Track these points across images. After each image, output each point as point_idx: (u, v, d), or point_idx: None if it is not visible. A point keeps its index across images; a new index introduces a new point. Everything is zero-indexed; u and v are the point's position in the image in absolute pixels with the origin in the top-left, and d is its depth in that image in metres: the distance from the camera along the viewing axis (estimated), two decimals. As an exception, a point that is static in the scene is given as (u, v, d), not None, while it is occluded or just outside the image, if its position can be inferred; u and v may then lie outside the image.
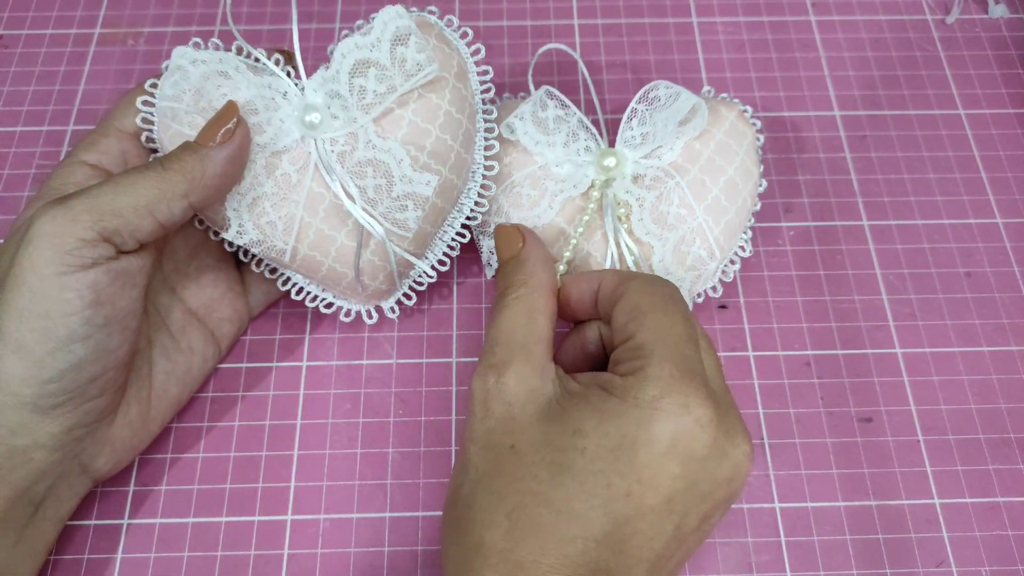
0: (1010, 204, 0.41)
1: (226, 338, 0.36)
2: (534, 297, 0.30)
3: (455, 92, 0.33)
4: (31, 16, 0.47)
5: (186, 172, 0.29)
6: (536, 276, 0.30)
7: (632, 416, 0.25)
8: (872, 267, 0.40)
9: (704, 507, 0.26)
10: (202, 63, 0.31)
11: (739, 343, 0.38)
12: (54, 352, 0.28)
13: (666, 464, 0.25)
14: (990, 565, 0.33)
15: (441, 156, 0.33)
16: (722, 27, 0.47)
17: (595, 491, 0.25)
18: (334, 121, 0.31)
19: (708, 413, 0.25)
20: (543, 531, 0.25)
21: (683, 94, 0.34)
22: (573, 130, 0.35)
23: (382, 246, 0.33)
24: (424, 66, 0.31)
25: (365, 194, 0.32)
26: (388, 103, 0.31)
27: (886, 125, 0.44)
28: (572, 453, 0.26)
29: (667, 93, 0.35)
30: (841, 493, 0.34)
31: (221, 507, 0.34)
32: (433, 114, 0.32)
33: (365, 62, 0.31)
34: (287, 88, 0.32)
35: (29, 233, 0.27)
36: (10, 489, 0.28)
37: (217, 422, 0.36)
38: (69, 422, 0.29)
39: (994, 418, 0.36)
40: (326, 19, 0.47)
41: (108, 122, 0.33)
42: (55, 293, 0.27)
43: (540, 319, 0.29)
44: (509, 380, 0.28)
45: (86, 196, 0.28)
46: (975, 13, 0.48)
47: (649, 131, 0.34)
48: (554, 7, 0.48)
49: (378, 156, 0.32)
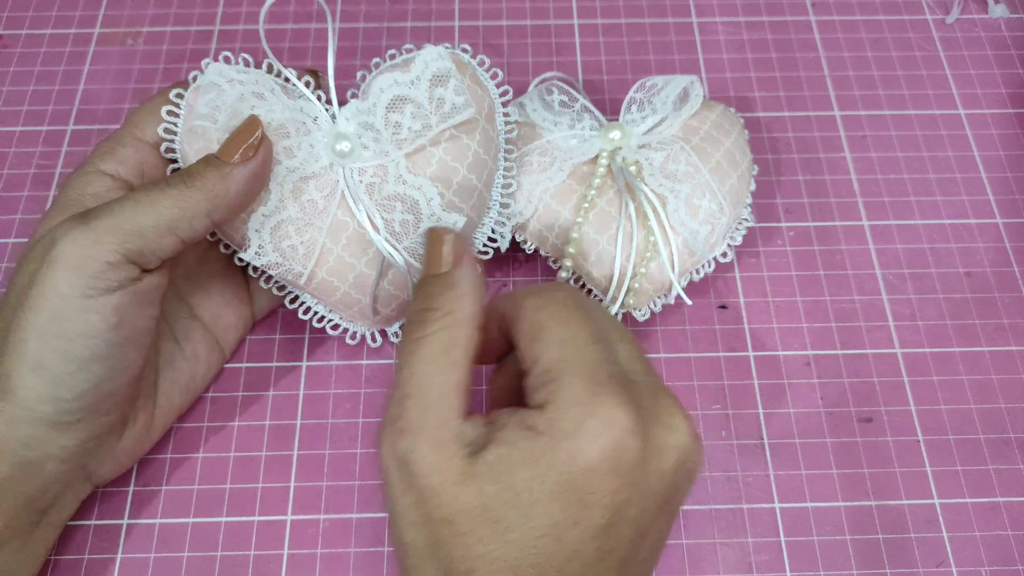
0: (1010, 204, 0.41)
1: (230, 345, 0.36)
2: (458, 332, 0.26)
3: (484, 133, 0.33)
4: (31, 16, 0.47)
5: (208, 189, 0.29)
6: (464, 305, 0.26)
7: (562, 451, 0.24)
8: (872, 267, 0.40)
9: (657, 498, 0.25)
10: (239, 83, 0.31)
11: (739, 343, 0.38)
12: (74, 372, 0.27)
13: (605, 482, 0.24)
14: (990, 565, 0.33)
15: (466, 194, 0.33)
16: (722, 27, 0.47)
17: (543, 532, 0.24)
18: (364, 151, 0.32)
19: (631, 419, 0.24)
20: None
21: (677, 77, 0.37)
22: (578, 113, 0.37)
23: (399, 275, 0.33)
24: (461, 109, 0.32)
25: (391, 227, 0.32)
26: (422, 141, 0.32)
27: (886, 125, 0.44)
28: (513, 508, 0.24)
29: (662, 80, 0.37)
30: (841, 493, 0.34)
31: (221, 507, 0.34)
32: (463, 154, 0.33)
33: (403, 98, 0.31)
34: (318, 113, 0.32)
35: (52, 254, 0.27)
36: (19, 499, 0.28)
37: (217, 422, 0.36)
38: (82, 436, 0.29)
39: (994, 418, 0.36)
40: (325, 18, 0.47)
41: (127, 130, 0.32)
42: (78, 316, 0.27)
43: (461, 361, 0.26)
44: (423, 448, 0.24)
45: (107, 215, 0.27)
46: (975, 13, 0.48)
47: (648, 112, 0.36)
48: (554, 7, 0.48)
49: (408, 192, 0.32)
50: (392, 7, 0.48)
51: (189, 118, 0.31)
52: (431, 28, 0.47)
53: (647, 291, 0.35)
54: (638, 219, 0.34)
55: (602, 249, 0.35)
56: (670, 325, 0.38)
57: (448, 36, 0.46)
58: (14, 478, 0.28)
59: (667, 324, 0.38)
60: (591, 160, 0.36)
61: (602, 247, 0.35)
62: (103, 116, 0.44)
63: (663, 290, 0.36)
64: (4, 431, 0.27)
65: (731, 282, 0.39)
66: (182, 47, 0.46)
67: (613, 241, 0.35)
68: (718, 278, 0.39)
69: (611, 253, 0.35)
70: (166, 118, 0.32)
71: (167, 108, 0.32)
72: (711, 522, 0.34)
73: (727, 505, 0.34)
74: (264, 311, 0.37)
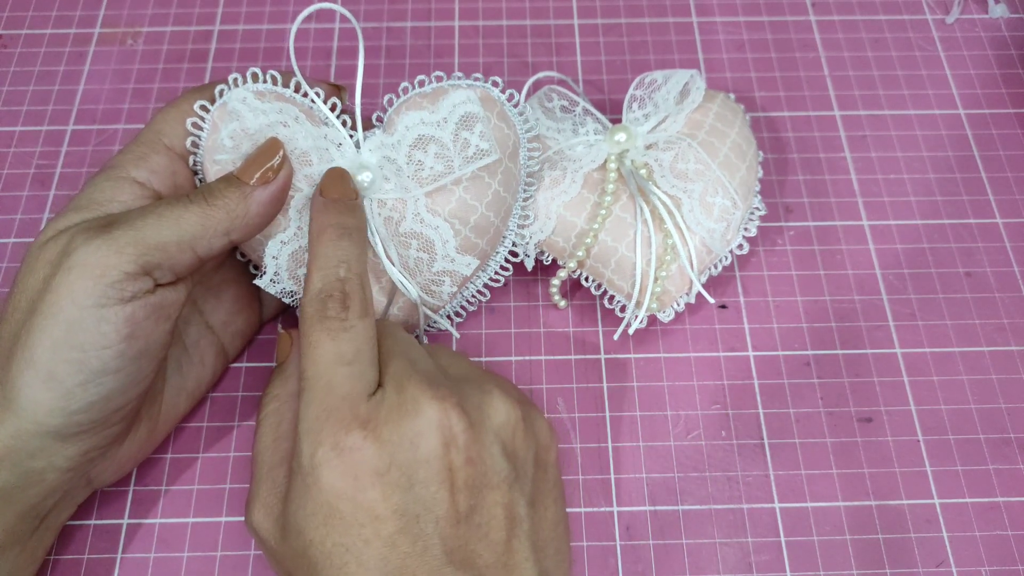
0: (1010, 204, 0.41)
1: (235, 350, 0.36)
2: (283, 410, 0.30)
3: (506, 172, 0.33)
4: (31, 16, 0.47)
5: (229, 209, 0.29)
6: (290, 386, 0.30)
7: (312, 485, 0.26)
8: (872, 267, 0.40)
9: (444, 483, 0.26)
10: (262, 113, 0.30)
11: (739, 343, 0.38)
12: (85, 384, 0.27)
13: (364, 497, 0.25)
14: (990, 565, 0.33)
15: (482, 231, 0.33)
16: (722, 27, 0.47)
17: (352, 561, 0.25)
18: (385, 183, 0.32)
19: (357, 434, 0.26)
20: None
21: (677, 72, 0.37)
22: (580, 117, 0.37)
23: (407, 304, 0.34)
24: (485, 154, 0.32)
25: (405, 262, 0.32)
26: (443, 182, 0.32)
27: (886, 125, 0.44)
28: (310, 552, 0.26)
29: (662, 75, 0.37)
30: (841, 493, 0.34)
31: (221, 507, 0.34)
32: (483, 193, 0.33)
33: (428, 138, 0.31)
34: (343, 140, 0.32)
35: (70, 260, 0.27)
36: (22, 507, 0.28)
37: (217, 422, 0.36)
38: (87, 446, 0.29)
39: (994, 418, 0.36)
40: (326, 18, 0.47)
41: (155, 136, 0.31)
42: (92, 326, 0.27)
43: (287, 435, 0.29)
44: (257, 516, 0.28)
45: (129, 227, 0.27)
46: (975, 13, 0.48)
47: (651, 111, 0.36)
48: (554, 7, 0.48)
49: (425, 231, 0.32)
50: (392, 7, 0.48)
51: (213, 136, 0.31)
52: (431, 28, 0.47)
53: (670, 293, 0.35)
54: (654, 222, 0.34)
55: (621, 256, 0.35)
56: (670, 325, 0.38)
57: (448, 36, 0.46)
58: (17, 487, 0.28)
59: (667, 324, 0.38)
60: (600, 166, 0.36)
61: (621, 253, 0.35)
62: (103, 116, 0.44)
63: (684, 290, 0.36)
64: (8, 442, 0.27)
65: (731, 282, 0.39)
66: (182, 47, 0.46)
67: (631, 247, 0.35)
68: (718, 278, 0.39)
69: (630, 259, 0.35)
70: (192, 131, 0.31)
71: (192, 121, 0.31)
72: (711, 522, 0.34)
73: (727, 505, 0.34)
74: (271, 315, 0.37)
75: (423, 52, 0.46)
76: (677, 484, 0.34)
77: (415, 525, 0.25)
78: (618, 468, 0.35)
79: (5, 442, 0.27)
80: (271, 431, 0.29)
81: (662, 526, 0.34)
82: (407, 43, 0.46)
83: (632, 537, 0.33)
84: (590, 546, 0.33)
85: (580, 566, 0.33)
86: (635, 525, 0.34)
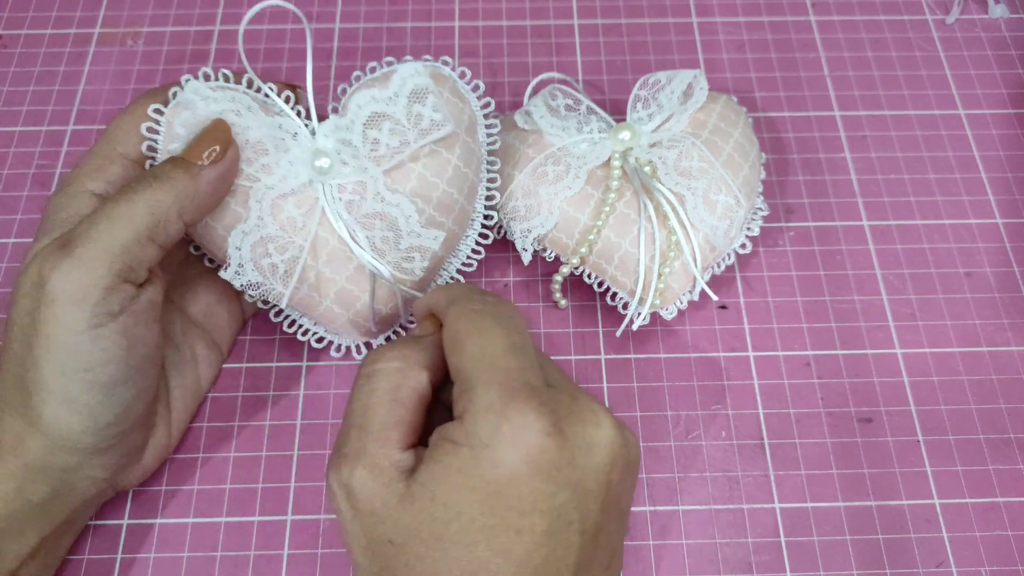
0: (1010, 204, 0.41)
1: (226, 342, 0.36)
2: (409, 375, 0.27)
3: (464, 147, 0.33)
4: (30, 16, 0.47)
5: (178, 190, 0.29)
6: (420, 354, 0.28)
7: (484, 460, 0.24)
8: (872, 267, 0.40)
9: (596, 498, 0.25)
10: (213, 101, 0.31)
11: (739, 343, 0.38)
12: (104, 400, 0.28)
13: (535, 487, 0.24)
14: (990, 565, 0.33)
15: (446, 208, 0.33)
16: (722, 27, 0.47)
17: (488, 545, 0.24)
18: (344, 167, 0.32)
19: (547, 420, 0.24)
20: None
21: (680, 72, 0.37)
22: (584, 116, 0.37)
23: (384, 289, 0.33)
24: (440, 125, 0.31)
25: (373, 243, 0.32)
26: (400, 157, 0.32)
27: (886, 125, 0.44)
28: (449, 524, 0.24)
29: (665, 76, 0.37)
30: (841, 493, 0.34)
31: (221, 507, 0.34)
32: (443, 168, 0.33)
33: (381, 115, 0.31)
34: (297, 129, 0.32)
35: (47, 292, 0.27)
36: (58, 517, 0.29)
37: (217, 422, 0.36)
38: (117, 455, 0.30)
39: (994, 418, 0.36)
40: (326, 18, 0.47)
41: (110, 146, 0.31)
42: (91, 346, 0.27)
43: (407, 401, 0.27)
44: (361, 474, 0.25)
45: (88, 240, 0.27)
46: (975, 13, 0.48)
47: (655, 110, 0.37)
48: (554, 7, 0.48)
49: (387, 210, 0.32)
50: (392, 7, 0.48)
51: (168, 136, 0.31)
52: (431, 28, 0.47)
53: (673, 289, 0.35)
54: (658, 219, 0.35)
55: (625, 252, 0.35)
56: (670, 325, 0.38)
57: (448, 36, 0.46)
58: (55, 500, 0.29)
59: (667, 324, 0.38)
60: (604, 163, 0.36)
61: (624, 249, 0.35)
62: (103, 116, 0.44)
63: (687, 287, 0.36)
64: (47, 459, 0.28)
65: (731, 282, 0.39)
66: (182, 47, 0.46)
67: (635, 243, 0.35)
68: (718, 278, 0.39)
69: (634, 255, 0.35)
70: (147, 135, 0.31)
71: (147, 125, 0.31)
72: (711, 522, 0.34)
73: (727, 505, 0.34)
74: (254, 308, 0.37)
75: (423, 52, 0.46)
76: (677, 484, 0.34)
77: (565, 530, 0.25)
78: (618, 468, 0.35)
79: (43, 460, 0.28)
80: (388, 391, 0.27)
81: (662, 526, 0.34)
82: (407, 43, 0.46)
83: (632, 537, 0.33)
84: (590, 546, 0.33)
85: (580, 566, 0.33)
86: (635, 525, 0.34)
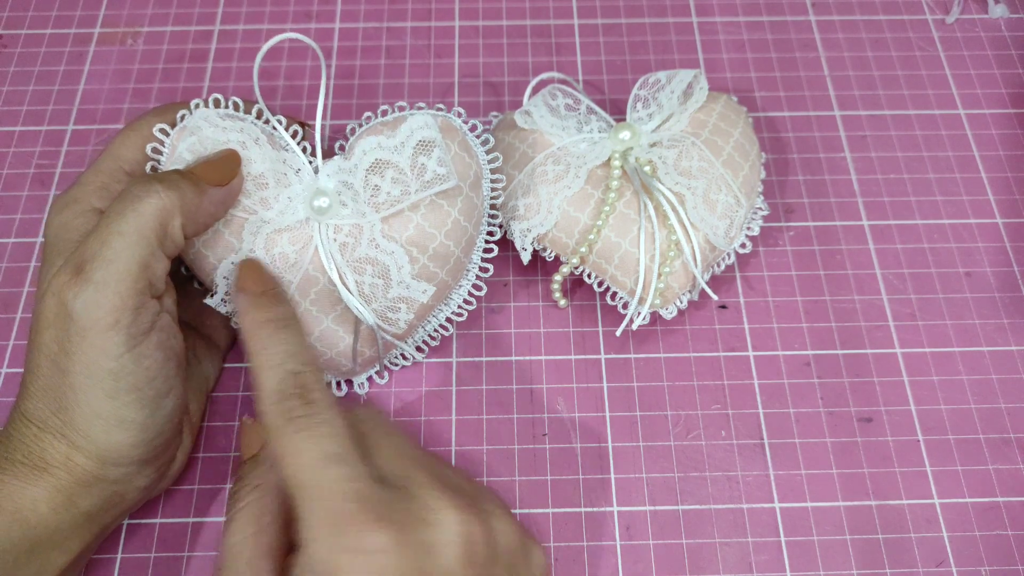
0: (1010, 204, 0.41)
1: (224, 340, 0.36)
2: (265, 502, 0.27)
3: (467, 201, 0.33)
4: (30, 16, 0.47)
5: (185, 202, 0.28)
6: (271, 477, 0.27)
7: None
8: (872, 267, 0.40)
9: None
10: (222, 131, 0.31)
11: (739, 343, 0.38)
12: (152, 414, 0.29)
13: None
14: (990, 565, 0.33)
15: (442, 260, 0.33)
16: (722, 27, 0.47)
17: None
18: (342, 209, 0.32)
19: (383, 535, 0.23)
20: None
21: (680, 72, 0.37)
22: (584, 116, 0.37)
23: (367, 333, 0.33)
24: (443, 179, 0.31)
25: (361, 288, 0.32)
26: (400, 207, 0.31)
27: (886, 125, 0.44)
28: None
29: (665, 75, 0.37)
30: (841, 493, 0.34)
31: (221, 507, 0.34)
32: (442, 221, 0.32)
33: (385, 162, 0.31)
34: (301, 166, 0.32)
35: (76, 323, 0.27)
36: (101, 525, 0.30)
37: (217, 422, 0.36)
38: (160, 463, 0.31)
39: (994, 418, 0.36)
40: (326, 18, 0.47)
41: (115, 163, 0.31)
42: (135, 366, 0.28)
43: (270, 528, 0.27)
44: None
45: (104, 261, 0.27)
46: (975, 13, 0.48)
47: (655, 110, 0.37)
48: (554, 7, 0.48)
49: (380, 257, 0.32)
50: (392, 7, 0.48)
51: (171, 159, 0.31)
52: (431, 28, 0.47)
53: (673, 289, 0.35)
54: (658, 219, 0.35)
55: (625, 252, 0.35)
56: (670, 325, 0.38)
57: (448, 36, 0.46)
58: (103, 510, 0.29)
59: (667, 324, 0.38)
60: (604, 163, 0.36)
61: (624, 249, 0.35)
62: (103, 116, 0.44)
63: (687, 287, 0.36)
64: (95, 473, 0.28)
65: (731, 282, 0.39)
66: (182, 47, 0.46)
67: (635, 243, 0.35)
68: (718, 278, 0.39)
69: (634, 255, 0.35)
70: (151, 155, 0.31)
71: (152, 146, 0.31)
72: (711, 522, 0.34)
73: (727, 505, 0.34)
74: None
75: (423, 52, 0.46)
76: (677, 484, 0.34)
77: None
78: (618, 468, 0.35)
79: (94, 474, 0.28)
80: (251, 522, 0.27)
81: (662, 526, 0.34)
82: (407, 43, 0.46)
83: (632, 537, 0.33)
84: (590, 546, 0.33)
85: (580, 566, 0.33)
86: (635, 525, 0.34)
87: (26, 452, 0.28)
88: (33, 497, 0.27)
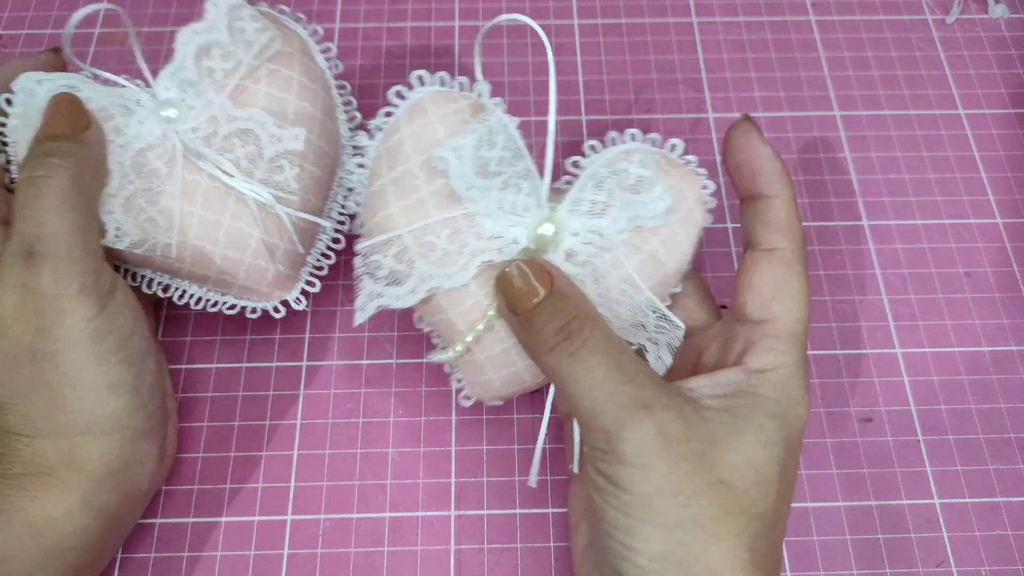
0: (1010, 204, 0.41)
1: (152, 325, 0.36)
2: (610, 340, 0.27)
3: (303, 65, 0.34)
4: (30, 16, 0.47)
5: (79, 159, 0.29)
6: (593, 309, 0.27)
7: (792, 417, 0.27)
8: (872, 267, 0.40)
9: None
10: (48, 81, 0.31)
11: (739, 343, 0.37)
12: (139, 374, 0.29)
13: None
14: (990, 565, 0.33)
15: (305, 121, 0.33)
16: (722, 27, 0.47)
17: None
18: (191, 111, 0.32)
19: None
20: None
21: (657, 185, 0.29)
22: (516, 177, 0.29)
23: (272, 220, 0.32)
24: (263, 31, 0.32)
25: (238, 165, 0.32)
26: (239, 78, 0.32)
27: (886, 125, 0.44)
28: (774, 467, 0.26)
29: (638, 173, 0.29)
30: (841, 493, 0.34)
31: (221, 507, 0.34)
32: (287, 84, 0.33)
33: (207, 44, 0.32)
34: (139, 96, 0.32)
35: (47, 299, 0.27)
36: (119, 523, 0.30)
37: (217, 422, 0.36)
38: (159, 440, 0.31)
39: (994, 418, 0.36)
40: (326, 18, 0.47)
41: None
42: (111, 324, 0.28)
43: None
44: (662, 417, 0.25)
45: (49, 236, 0.27)
46: (975, 13, 0.48)
47: (604, 199, 0.29)
48: (554, 7, 0.48)
49: (241, 126, 0.32)
50: (392, 7, 0.48)
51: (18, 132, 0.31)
52: (431, 28, 0.47)
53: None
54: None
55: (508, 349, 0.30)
56: (670, 325, 0.38)
57: (448, 36, 0.46)
58: (118, 504, 0.29)
59: (667, 324, 0.38)
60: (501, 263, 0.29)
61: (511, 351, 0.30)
62: None
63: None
64: (112, 458, 0.28)
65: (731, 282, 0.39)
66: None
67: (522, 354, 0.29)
68: (718, 278, 0.39)
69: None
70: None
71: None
72: (711, 522, 0.34)
73: (727, 505, 0.34)
74: None
75: (423, 52, 0.46)
76: (677, 484, 0.34)
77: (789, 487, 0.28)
78: (618, 468, 0.35)
79: (110, 463, 0.28)
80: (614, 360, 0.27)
81: (662, 526, 0.34)
82: (407, 43, 0.46)
83: (632, 537, 0.33)
84: (590, 546, 0.33)
85: (580, 566, 0.33)
86: (635, 525, 0.34)
87: (24, 464, 0.27)
88: (44, 504, 0.27)
